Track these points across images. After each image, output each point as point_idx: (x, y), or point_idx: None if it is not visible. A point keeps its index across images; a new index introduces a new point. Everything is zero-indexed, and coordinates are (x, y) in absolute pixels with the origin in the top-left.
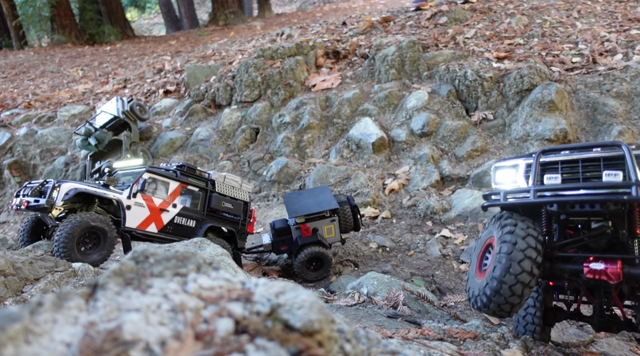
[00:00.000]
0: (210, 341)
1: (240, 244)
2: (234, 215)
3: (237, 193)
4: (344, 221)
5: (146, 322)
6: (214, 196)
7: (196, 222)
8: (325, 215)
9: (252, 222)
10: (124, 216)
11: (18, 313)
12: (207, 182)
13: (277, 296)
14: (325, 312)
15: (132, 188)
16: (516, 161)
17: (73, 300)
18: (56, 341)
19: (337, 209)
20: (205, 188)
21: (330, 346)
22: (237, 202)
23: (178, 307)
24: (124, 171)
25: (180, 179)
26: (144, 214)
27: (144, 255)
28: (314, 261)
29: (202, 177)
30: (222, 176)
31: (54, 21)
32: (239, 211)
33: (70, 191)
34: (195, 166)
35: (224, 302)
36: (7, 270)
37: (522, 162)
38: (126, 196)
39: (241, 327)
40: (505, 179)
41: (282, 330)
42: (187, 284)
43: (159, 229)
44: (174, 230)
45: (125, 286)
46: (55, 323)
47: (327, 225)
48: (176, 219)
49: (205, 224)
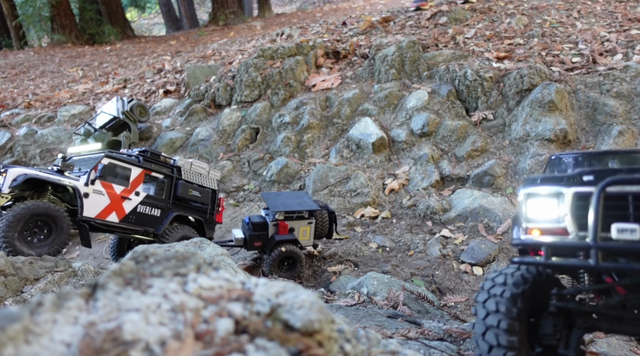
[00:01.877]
0: (210, 341)
1: (209, 234)
2: (201, 204)
3: (204, 180)
4: (321, 226)
5: (146, 322)
6: (180, 184)
7: (161, 211)
8: (304, 216)
9: (221, 211)
10: (81, 205)
11: (18, 313)
12: (173, 169)
13: (277, 296)
14: (325, 312)
15: (90, 175)
16: (558, 187)
17: (73, 300)
18: (56, 341)
19: (316, 212)
20: (170, 175)
21: (330, 346)
22: (204, 190)
23: (178, 307)
24: (81, 157)
25: (143, 166)
26: (103, 203)
27: (144, 255)
28: (286, 260)
29: (167, 163)
30: (189, 163)
31: (54, 21)
32: (206, 199)
33: (19, 177)
34: (160, 151)
35: (224, 302)
36: (7, 270)
37: (569, 191)
38: (83, 183)
39: (241, 327)
40: (542, 215)
41: (282, 330)
42: (187, 285)
43: (120, 218)
44: (137, 220)
45: (125, 286)
46: (55, 323)
47: (303, 227)
48: (139, 208)
49: (171, 213)
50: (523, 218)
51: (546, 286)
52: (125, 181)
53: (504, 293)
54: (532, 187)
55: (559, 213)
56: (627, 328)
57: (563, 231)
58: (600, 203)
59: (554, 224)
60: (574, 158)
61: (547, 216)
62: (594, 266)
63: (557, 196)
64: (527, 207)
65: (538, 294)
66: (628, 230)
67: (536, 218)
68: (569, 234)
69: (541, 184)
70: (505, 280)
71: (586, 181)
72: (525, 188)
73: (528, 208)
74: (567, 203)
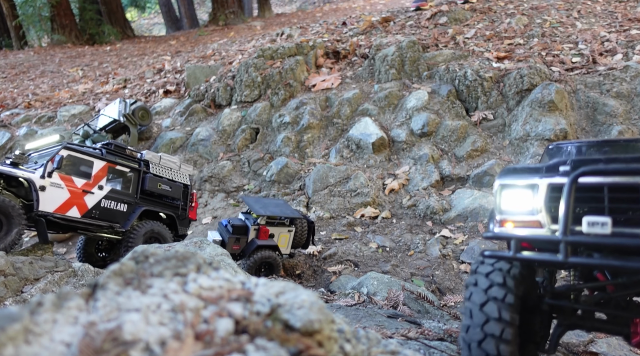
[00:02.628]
0: (210, 341)
1: (182, 230)
2: (172, 199)
3: (175, 174)
4: (299, 235)
5: (146, 322)
6: (148, 177)
7: (128, 206)
8: (285, 223)
9: (195, 207)
10: (37, 198)
11: (18, 313)
12: (140, 162)
13: (277, 296)
14: (325, 312)
15: (47, 167)
16: (533, 179)
17: (73, 300)
18: (56, 341)
19: (296, 220)
20: (137, 169)
21: (330, 346)
22: (175, 184)
23: (178, 307)
24: (40, 152)
25: (106, 159)
26: (62, 197)
27: (144, 255)
28: (264, 266)
29: (133, 157)
30: (158, 157)
31: (54, 21)
32: (178, 194)
33: None
34: (126, 145)
35: (224, 302)
36: (7, 270)
37: (543, 182)
38: (39, 175)
39: (241, 327)
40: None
41: (282, 330)
42: (187, 285)
43: (82, 213)
44: (102, 214)
45: (125, 286)
46: (55, 323)
47: (283, 234)
48: (103, 203)
49: (138, 208)
50: (497, 210)
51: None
52: (87, 174)
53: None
54: (507, 177)
55: (534, 205)
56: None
57: (537, 223)
58: (571, 194)
59: (528, 216)
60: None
61: (521, 208)
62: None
63: (532, 188)
64: (501, 198)
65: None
66: (599, 224)
67: (510, 210)
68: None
69: (516, 174)
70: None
71: (562, 172)
72: (500, 179)
73: (502, 199)
74: (542, 195)
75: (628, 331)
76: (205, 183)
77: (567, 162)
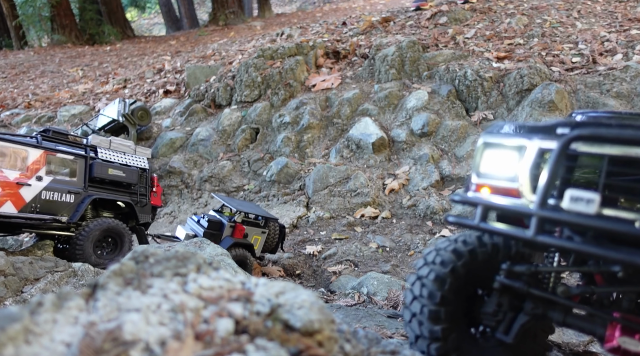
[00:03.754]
0: (211, 341)
1: (144, 218)
2: (128, 185)
3: (129, 159)
4: (271, 238)
5: (146, 322)
6: (95, 164)
7: (75, 196)
8: (259, 224)
9: (158, 193)
10: None
11: (18, 313)
12: (86, 148)
13: (277, 296)
14: (326, 312)
15: None
16: (523, 140)
17: (73, 300)
18: (56, 342)
19: (270, 223)
20: (83, 156)
21: (330, 346)
22: (130, 169)
23: (178, 307)
24: None
25: (43, 147)
26: None
27: (144, 255)
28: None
29: (78, 143)
30: (107, 141)
31: (54, 21)
32: (133, 179)
33: None
34: (67, 131)
35: (224, 302)
36: (7, 270)
37: (532, 145)
38: None
39: (241, 327)
40: (497, 169)
41: (282, 330)
42: (187, 285)
43: (19, 208)
44: (44, 208)
45: (125, 286)
46: (55, 323)
47: (256, 235)
48: (44, 195)
49: (87, 197)
50: (475, 171)
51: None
52: (21, 164)
53: (429, 275)
54: (493, 135)
55: (517, 171)
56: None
57: (516, 192)
58: (558, 161)
59: (508, 183)
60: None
61: (502, 172)
62: (529, 239)
63: (519, 150)
64: (482, 159)
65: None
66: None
67: (490, 173)
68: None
69: (505, 132)
70: (434, 258)
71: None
72: (485, 135)
73: (483, 160)
74: (528, 159)
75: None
76: (206, 183)
77: (567, 123)
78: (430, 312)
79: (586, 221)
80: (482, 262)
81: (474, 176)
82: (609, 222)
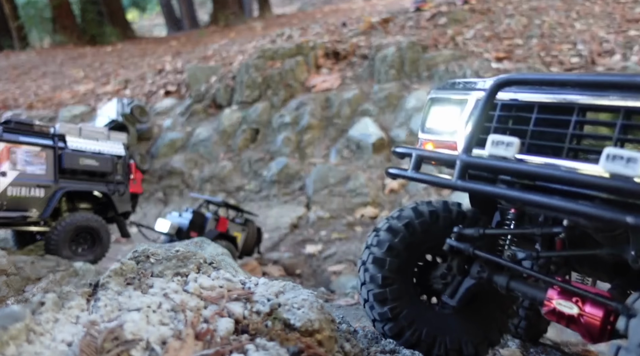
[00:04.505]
0: (211, 340)
1: (123, 207)
2: (103, 174)
3: (103, 146)
4: (249, 238)
5: (147, 321)
6: (65, 154)
7: (45, 190)
8: (240, 222)
9: (138, 179)
10: None
11: (20, 313)
12: (54, 138)
13: (277, 295)
14: (325, 311)
15: None
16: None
17: (74, 300)
18: (57, 341)
19: (248, 223)
20: (51, 146)
21: (330, 346)
22: (104, 157)
23: (179, 307)
24: None
25: (5, 139)
26: None
27: (144, 255)
28: None
29: (44, 133)
30: (76, 128)
31: (55, 22)
32: (108, 167)
33: None
34: (32, 120)
35: (224, 302)
36: (9, 270)
37: (472, 97)
38: None
39: (241, 327)
40: (441, 125)
41: (282, 330)
42: (187, 284)
43: None
44: (11, 205)
45: (126, 286)
46: (56, 323)
47: (237, 231)
48: (10, 191)
49: (59, 191)
50: (421, 128)
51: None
52: None
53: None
54: (441, 90)
55: (459, 124)
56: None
57: (454, 146)
58: (485, 107)
59: (449, 137)
60: None
61: (445, 127)
62: (451, 184)
63: (461, 104)
64: (428, 115)
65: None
66: (504, 143)
67: (434, 129)
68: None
69: (453, 87)
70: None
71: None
72: (434, 92)
73: (429, 116)
74: (467, 112)
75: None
76: (206, 183)
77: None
78: (375, 295)
79: (502, 165)
80: (427, 232)
81: (420, 132)
82: (524, 165)
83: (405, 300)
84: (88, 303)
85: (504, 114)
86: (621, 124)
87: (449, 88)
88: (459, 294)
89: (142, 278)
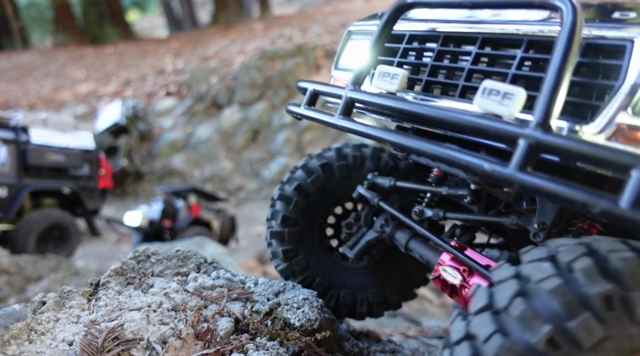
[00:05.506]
0: (211, 340)
1: (92, 204)
2: (71, 169)
3: (71, 139)
4: (224, 227)
5: (147, 321)
6: (29, 150)
7: (8, 189)
8: (213, 210)
9: (108, 173)
10: None
11: (21, 312)
12: (17, 131)
13: (277, 295)
14: (325, 311)
15: None
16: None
17: (75, 299)
18: (58, 340)
19: (220, 212)
20: (14, 141)
21: (330, 345)
22: (72, 152)
23: (179, 306)
24: None
25: None
26: None
27: (145, 254)
28: None
29: (3, 124)
30: (42, 120)
31: (57, 23)
32: (77, 162)
33: None
34: None
35: (224, 301)
36: (11, 269)
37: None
38: None
39: (241, 326)
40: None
41: (282, 329)
42: (188, 284)
43: None
44: None
45: (126, 285)
46: (57, 322)
47: (211, 218)
48: None
49: (24, 189)
50: (334, 65)
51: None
52: None
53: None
54: (362, 22)
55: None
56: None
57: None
58: (381, 35)
59: None
60: None
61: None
62: (331, 122)
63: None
64: (344, 50)
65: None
66: (389, 75)
67: (348, 66)
68: None
69: (373, 18)
70: (286, 178)
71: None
72: (353, 25)
73: (344, 52)
74: None
75: (436, 262)
76: (207, 183)
77: None
78: (273, 233)
79: (380, 101)
80: (347, 177)
81: (332, 69)
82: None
83: (304, 244)
84: (89, 302)
85: (408, 47)
86: (521, 56)
87: (368, 19)
88: (358, 246)
89: (143, 277)
